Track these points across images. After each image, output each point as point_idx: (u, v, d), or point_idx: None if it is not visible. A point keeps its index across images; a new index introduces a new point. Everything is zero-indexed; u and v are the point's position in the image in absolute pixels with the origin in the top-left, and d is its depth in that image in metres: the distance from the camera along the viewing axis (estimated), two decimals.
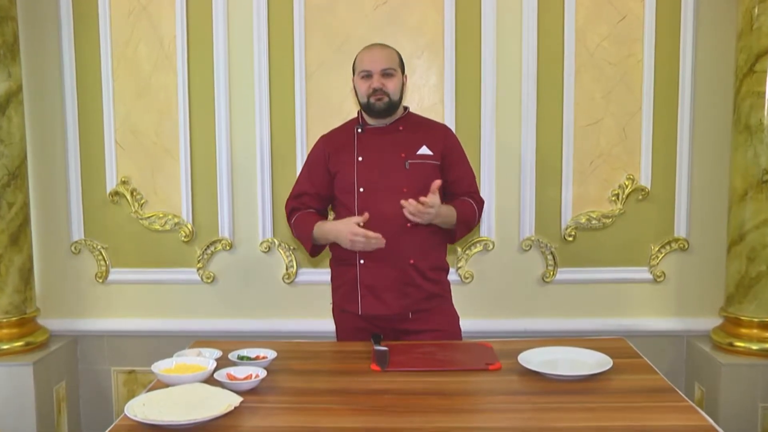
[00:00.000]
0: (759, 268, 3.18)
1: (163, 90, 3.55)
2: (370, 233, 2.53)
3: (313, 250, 2.80)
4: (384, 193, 2.66)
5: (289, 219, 2.86)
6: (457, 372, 2.27)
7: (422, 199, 2.51)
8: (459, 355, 2.43)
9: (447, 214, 2.65)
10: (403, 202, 2.52)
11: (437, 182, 2.56)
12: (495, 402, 2.07)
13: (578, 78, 3.47)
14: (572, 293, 3.57)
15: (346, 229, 2.57)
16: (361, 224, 2.56)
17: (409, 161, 2.69)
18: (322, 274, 3.42)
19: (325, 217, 2.88)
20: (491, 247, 3.56)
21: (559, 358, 2.33)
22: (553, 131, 3.50)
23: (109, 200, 3.61)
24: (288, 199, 2.88)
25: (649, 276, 3.55)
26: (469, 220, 2.77)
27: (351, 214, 2.68)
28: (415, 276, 2.69)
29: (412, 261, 2.67)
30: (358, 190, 2.69)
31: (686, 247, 3.53)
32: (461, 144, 2.87)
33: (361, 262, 2.69)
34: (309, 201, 2.82)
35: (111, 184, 3.61)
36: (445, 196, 2.80)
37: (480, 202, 2.83)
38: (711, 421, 1.88)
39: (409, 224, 2.63)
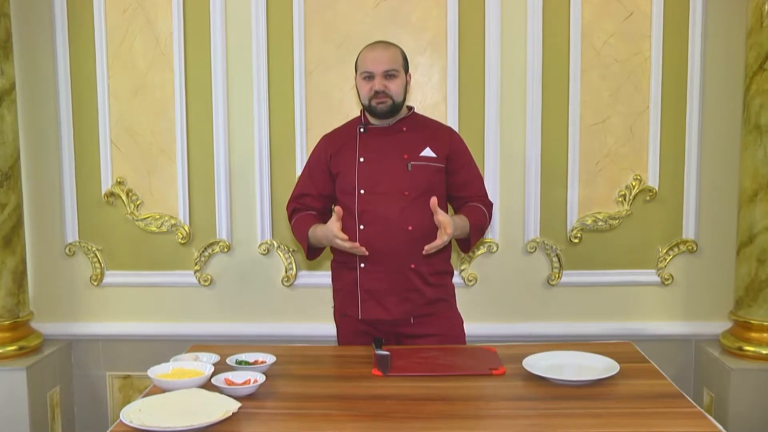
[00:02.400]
0: None
1: (160, 88, 3.55)
2: (347, 245, 2.55)
3: (311, 253, 2.80)
4: (385, 195, 2.66)
5: (290, 220, 2.86)
6: (460, 377, 2.27)
7: (440, 237, 2.53)
8: (462, 359, 2.43)
9: (461, 225, 2.67)
10: (427, 250, 2.55)
11: (434, 200, 2.54)
12: (499, 408, 2.08)
13: (584, 76, 3.47)
14: (578, 296, 3.57)
15: (330, 235, 2.57)
16: (357, 235, 2.62)
17: (412, 163, 2.69)
18: (322, 277, 3.43)
19: (327, 216, 2.86)
20: (495, 249, 3.56)
21: (565, 362, 2.33)
22: (558, 130, 3.50)
23: (104, 201, 3.62)
24: (289, 200, 2.88)
25: (657, 279, 3.55)
26: (482, 227, 2.78)
27: (352, 216, 2.68)
28: (417, 281, 2.69)
29: (413, 266, 2.67)
30: (359, 192, 2.69)
31: (695, 249, 3.53)
32: (467, 146, 2.86)
33: (362, 266, 2.69)
34: (310, 202, 2.82)
35: (106, 185, 3.61)
36: (453, 200, 2.81)
37: (489, 206, 2.83)
38: (720, 427, 1.89)
39: (410, 227, 2.63)
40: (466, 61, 3.48)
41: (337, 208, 2.56)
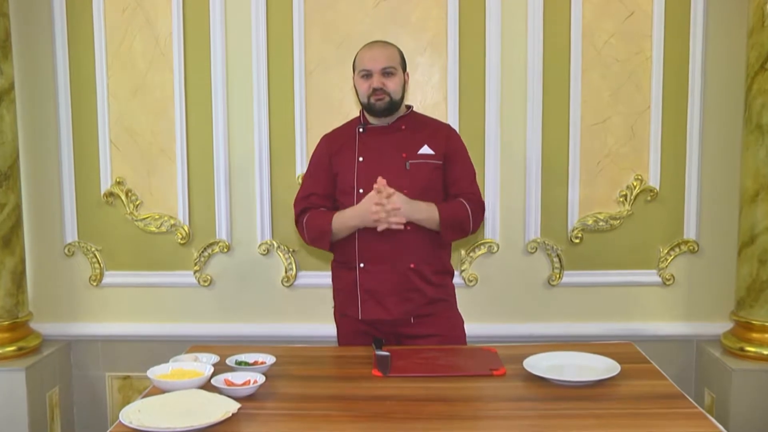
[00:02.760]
0: None
1: (159, 88, 3.55)
2: (389, 207, 2.53)
3: (332, 244, 2.77)
4: None
5: (299, 219, 2.82)
6: (460, 378, 2.27)
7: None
8: (462, 360, 2.43)
9: (424, 209, 2.63)
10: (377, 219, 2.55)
11: (380, 180, 2.55)
12: (499, 408, 2.08)
13: (585, 76, 3.47)
14: (579, 297, 3.57)
15: (368, 206, 2.56)
16: (356, 234, 2.62)
17: (410, 161, 2.69)
18: (322, 277, 3.43)
19: None
20: (495, 249, 3.56)
21: (566, 363, 2.34)
22: (559, 130, 3.50)
23: (104, 201, 3.62)
24: (296, 202, 2.84)
25: (658, 279, 3.55)
26: (458, 220, 2.69)
27: None
28: (417, 280, 2.69)
29: (412, 265, 2.67)
30: (358, 191, 2.69)
31: (696, 249, 3.53)
32: (465, 144, 2.86)
33: (361, 265, 2.69)
34: (318, 201, 2.79)
35: (105, 185, 3.61)
36: (445, 197, 2.80)
37: (477, 203, 2.75)
38: (721, 428, 1.89)
39: (409, 227, 2.62)
40: (466, 60, 3.48)
41: (381, 179, 2.55)
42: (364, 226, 2.63)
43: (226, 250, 3.60)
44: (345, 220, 2.67)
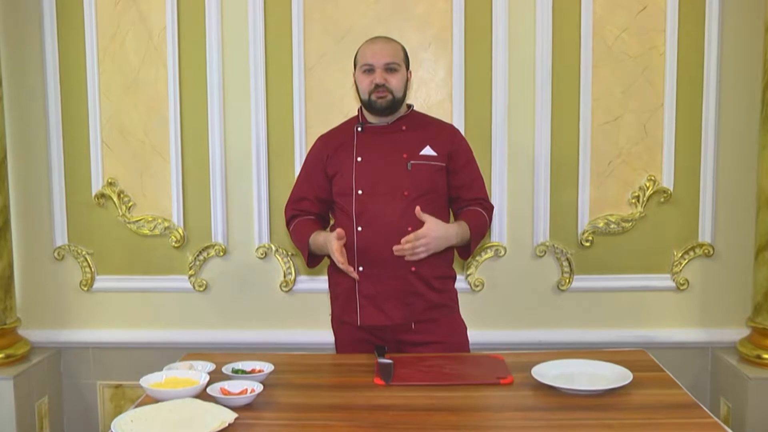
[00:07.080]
0: None
1: (153, 85, 3.56)
2: (341, 267, 2.55)
3: (312, 260, 2.81)
4: (384, 196, 2.67)
5: (288, 226, 2.88)
6: (466, 386, 2.27)
7: (413, 235, 2.52)
8: (468, 368, 2.44)
9: (459, 233, 2.66)
10: (395, 248, 2.54)
11: (417, 209, 2.56)
12: (507, 418, 2.08)
13: (596, 72, 3.47)
14: (589, 302, 3.58)
15: (329, 251, 2.61)
16: (355, 237, 2.61)
17: (412, 162, 2.69)
18: (321, 282, 3.42)
19: (326, 222, 2.89)
20: (503, 252, 3.56)
21: (576, 371, 2.34)
22: (569, 129, 3.50)
23: (95, 203, 3.63)
24: (287, 205, 2.89)
25: (672, 284, 3.56)
26: (482, 233, 2.80)
27: (349, 218, 2.69)
28: (418, 284, 2.69)
29: (413, 268, 2.67)
30: (357, 192, 2.69)
31: (711, 253, 3.53)
32: (470, 145, 2.87)
33: (360, 269, 2.69)
34: (309, 206, 2.83)
35: (96, 186, 3.62)
36: (453, 201, 2.81)
37: (490, 209, 2.84)
38: None
39: (410, 228, 2.62)
40: (472, 57, 3.48)
41: (339, 231, 2.56)
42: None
43: (222, 253, 3.61)
44: (319, 246, 2.72)
